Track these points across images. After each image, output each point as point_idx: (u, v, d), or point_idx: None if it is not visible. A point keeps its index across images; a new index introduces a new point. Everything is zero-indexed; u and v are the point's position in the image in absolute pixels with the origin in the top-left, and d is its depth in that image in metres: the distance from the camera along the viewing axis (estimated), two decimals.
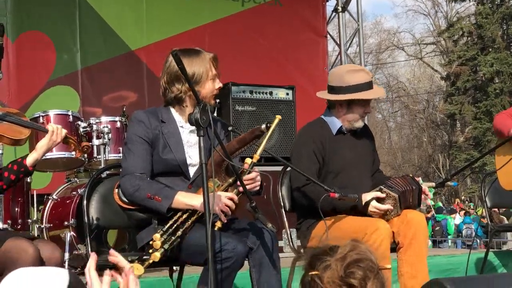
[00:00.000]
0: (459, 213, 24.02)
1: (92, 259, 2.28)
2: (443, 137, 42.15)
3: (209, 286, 3.09)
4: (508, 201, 6.42)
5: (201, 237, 3.34)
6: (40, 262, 3.64)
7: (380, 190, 4.41)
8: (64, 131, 4.04)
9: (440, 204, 28.40)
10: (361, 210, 4.38)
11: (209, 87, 3.86)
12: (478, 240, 17.00)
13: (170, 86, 3.87)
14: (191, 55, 3.85)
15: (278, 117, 3.79)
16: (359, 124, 4.66)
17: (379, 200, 4.40)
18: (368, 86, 4.58)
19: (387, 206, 4.37)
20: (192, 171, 3.86)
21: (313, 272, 2.03)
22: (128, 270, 2.28)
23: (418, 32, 56.79)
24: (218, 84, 3.92)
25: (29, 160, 3.91)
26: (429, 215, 22.06)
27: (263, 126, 3.67)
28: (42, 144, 3.95)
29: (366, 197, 4.39)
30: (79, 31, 8.51)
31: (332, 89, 4.64)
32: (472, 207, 25.58)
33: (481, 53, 35.35)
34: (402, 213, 4.45)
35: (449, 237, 21.95)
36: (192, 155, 3.85)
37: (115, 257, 2.35)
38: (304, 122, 4.90)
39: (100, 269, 2.20)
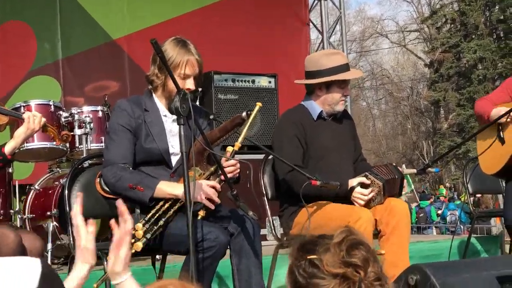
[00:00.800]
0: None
1: (78, 204, 2.29)
2: (427, 124, 42.28)
3: (190, 275, 3.10)
4: (490, 187, 6.46)
5: (183, 227, 3.35)
6: (21, 248, 3.64)
7: (366, 177, 4.43)
8: (43, 120, 4.01)
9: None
10: (344, 196, 4.40)
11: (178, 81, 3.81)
12: (462, 226, 17.10)
13: (150, 68, 3.87)
14: (177, 45, 3.81)
15: (259, 104, 3.79)
16: (340, 107, 4.68)
17: (364, 186, 4.42)
18: (345, 68, 4.63)
19: (369, 190, 4.39)
20: (174, 160, 3.86)
21: (311, 256, 1.98)
22: (127, 229, 2.29)
23: (402, 19, 56.86)
24: (188, 85, 3.80)
25: (7, 148, 3.89)
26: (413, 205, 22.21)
27: (244, 113, 3.68)
28: (20, 132, 3.92)
29: (352, 182, 4.42)
30: (60, 20, 8.42)
31: (309, 75, 4.66)
32: (445, 196, 25.61)
33: (464, 40, 35.44)
34: (385, 201, 4.47)
35: (433, 223, 22.07)
36: (175, 144, 3.85)
37: (123, 207, 2.36)
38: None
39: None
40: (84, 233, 2.27)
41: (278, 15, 10.08)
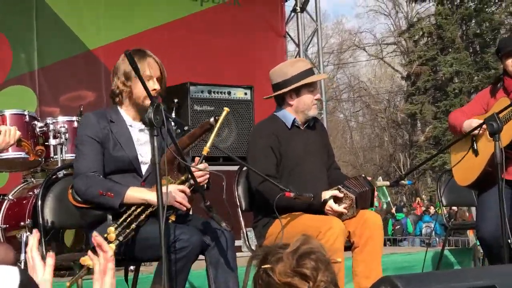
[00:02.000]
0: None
1: (34, 237, 2.24)
2: (404, 137, 42.45)
3: (163, 276, 3.11)
4: (464, 199, 6.51)
5: (155, 231, 3.38)
6: None
7: (339, 190, 4.46)
8: (18, 133, 4.01)
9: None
10: (317, 208, 4.42)
11: (141, 88, 3.83)
12: (437, 238, 17.18)
13: (112, 81, 4.00)
14: (134, 55, 3.83)
15: (226, 109, 3.81)
16: (313, 112, 4.73)
17: (336, 199, 4.45)
18: (310, 72, 4.71)
19: (341, 209, 4.42)
20: (144, 168, 3.92)
21: (265, 266, 2.04)
22: (109, 256, 2.25)
23: (379, 32, 57.23)
24: (152, 86, 3.85)
25: None
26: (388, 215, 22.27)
27: (212, 119, 3.71)
28: None
29: (325, 195, 4.44)
30: (36, 30, 8.40)
31: (277, 86, 4.72)
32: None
33: (441, 53, 35.67)
34: (359, 213, 4.50)
35: (408, 236, 22.14)
36: (143, 153, 3.91)
37: (99, 238, 2.31)
38: None
39: (56, 269, 2.17)
40: (41, 267, 2.22)
41: (254, 27, 10.12)
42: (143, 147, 3.89)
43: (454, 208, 16.22)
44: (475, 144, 5.05)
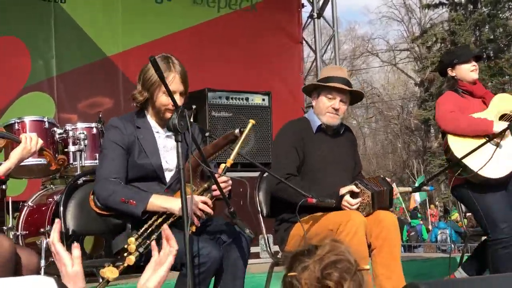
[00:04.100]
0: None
1: (55, 230, 2.24)
2: (417, 143, 42.32)
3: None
4: None
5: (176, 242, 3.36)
6: (16, 257, 3.61)
7: (356, 185, 4.44)
8: (40, 142, 4.00)
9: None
10: (336, 206, 4.41)
11: (162, 100, 3.83)
12: (453, 245, 17.10)
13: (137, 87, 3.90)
14: (160, 63, 3.83)
15: (252, 121, 3.80)
16: (326, 119, 4.68)
17: (353, 195, 4.43)
18: (339, 80, 4.64)
19: (357, 200, 4.40)
20: (168, 175, 3.88)
21: (291, 274, 2.03)
22: (173, 251, 2.33)
23: (392, 38, 57.04)
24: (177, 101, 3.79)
25: (1, 169, 3.88)
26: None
27: (237, 130, 3.70)
28: (16, 153, 3.91)
29: (342, 190, 4.43)
30: (55, 37, 8.45)
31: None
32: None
33: None
34: (374, 213, 4.48)
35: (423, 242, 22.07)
36: (169, 160, 3.87)
37: (168, 231, 2.42)
38: (280, 128, 4.93)
39: None
40: (69, 259, 2.21)
41: (271, 33, 10.14)
42: (170, 153, 3.87)
43: (469, 214, 16.18)
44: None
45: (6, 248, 3.55)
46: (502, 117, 5.26)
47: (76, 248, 2.17)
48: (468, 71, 5.38)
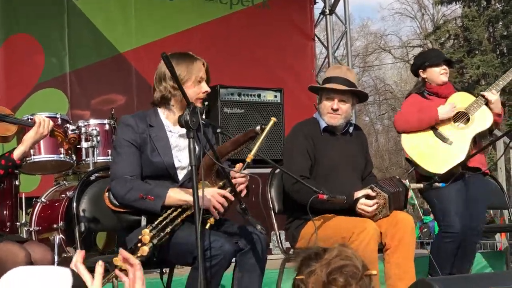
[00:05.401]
0: None
1: (79, 254, 2.26)
2: None
3: (199, 283, 3.10)
4: (495, 203, 6.45)
5: (189, 236, 3.37)
6: (30, 265, 3.64)
7: (371, 189, 4.45)
8: (51, 124, 4.04)
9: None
10: (350, 208, 4.41)
11: (194, 90, 3.85)
12: None
13: (157, 86, 3.89)
14: (179, 57, 3.86)
15: (273, 119, 3.79)
16: (328, 120, 4.68)
17: (369, 198, 4.43)
18: (339, 80, 4.65)
19: (374, 202, 4.40)
20: (181, 174, 3.88)
21: (299, 277, 2.06)
22: (136, 265, 2.28)
23: (405, 34, 56.86)
24: (205, 88, 3.90)
25: (17, 153, 3.90)
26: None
27: (258, 127, 3.69)
28: (29, 136, 3.94)
29: (357, 194, 4.44)
30: (68, 34, 8.48)
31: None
32: None
33: (467, 55, 35.41)
34: (391, 214, 4.48)
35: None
36: (182, 159, 3.86)
37: (125, 253, 2.38)
38: (293, 124, 4.94)
39: (89, 271, 2.18)
40: (87, 276, 2.20)
41: (284, 30, 10.13)
42: (182, 153, 3.87)
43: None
44: (441, 132, 5.38)
45: (22, 259, 3.58)
46: (456, 114, 5.45)
47: (99, 266, 2.18)
48: (438, 73, 5.57)
